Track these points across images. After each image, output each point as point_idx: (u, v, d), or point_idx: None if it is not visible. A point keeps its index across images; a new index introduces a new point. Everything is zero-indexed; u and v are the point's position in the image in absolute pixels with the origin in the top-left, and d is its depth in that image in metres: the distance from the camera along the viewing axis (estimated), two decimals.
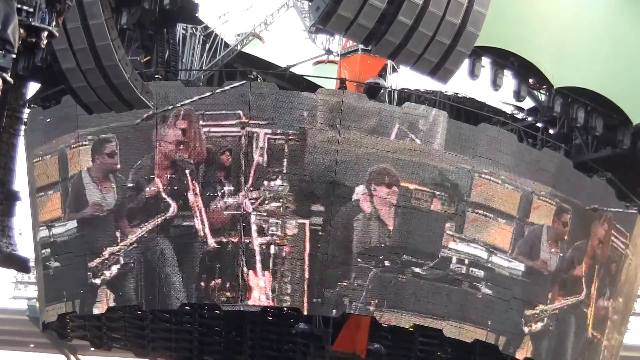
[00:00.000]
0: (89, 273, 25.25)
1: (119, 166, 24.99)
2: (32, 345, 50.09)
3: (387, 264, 24.17)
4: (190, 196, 24.40)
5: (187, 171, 24.44)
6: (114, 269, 24.98)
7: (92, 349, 35.17)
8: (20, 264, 22.99)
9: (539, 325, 26.08)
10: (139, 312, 27.51)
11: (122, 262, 24.86)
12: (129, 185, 24.86)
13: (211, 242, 24.27)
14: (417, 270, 24.31)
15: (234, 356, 29.45)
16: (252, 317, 27.83)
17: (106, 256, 24.97)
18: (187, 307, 27.61)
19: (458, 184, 24.67)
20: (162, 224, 24.55)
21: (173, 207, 24.47)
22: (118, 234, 24.90)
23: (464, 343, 25.66)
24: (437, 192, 24.49)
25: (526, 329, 25.86)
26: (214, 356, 29.63)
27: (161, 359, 30.45)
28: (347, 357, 26.51)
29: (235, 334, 29.47)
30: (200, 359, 29.50)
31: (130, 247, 24.78)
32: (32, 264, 27.78)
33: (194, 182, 24.45)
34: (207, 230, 24.30)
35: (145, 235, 24.60)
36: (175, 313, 28.17)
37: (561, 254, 26.30)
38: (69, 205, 25.83)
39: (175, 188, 24.46)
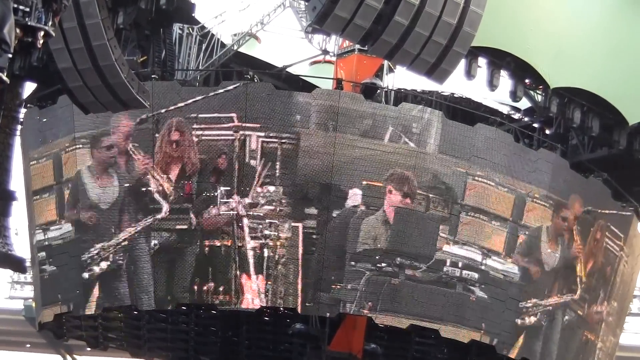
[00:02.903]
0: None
1: (117, 159, 24.77)
2: (28, 345, 49.93)
3: (380, 266, 24.13)
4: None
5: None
6: (103, 264, 24.72)
7: (88, 349, 35.08)
8: (16, 264, 22.85)
9: (532, 319, 25.99)
10: (135, 312, 27.49)
11: (111, 259, 24.59)
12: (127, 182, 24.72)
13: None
14: (411, 273, 24.26)
15: (230, 356, 29.49)
16: (249, 317, 27.83)
17: (96, 251, 24.72)
18: (183, 307, 27.61)
19: (452, 186, 24.62)
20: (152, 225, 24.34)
21: (165, 208, 24.29)
22: (113, 229, 24.58)
23: (460, 343, 25.63)
24: (431, 195, 24.44)
25: (519, 321, 25.68)
26: (210, 356, 29.65)
27: (157, 359, 30.49)
28: (344, 357, 26.52)
29: (231, 334, 29.50)
30: (197, 359, 29.52)
31: (119, 247, 24.52)
32: (28, 264, 27.75)
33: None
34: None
35: (135, 235, 24.40)
36: (171, 313, 28.17)
37: (559, 253, 26.14)
38: (67, 205, 25.62)
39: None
